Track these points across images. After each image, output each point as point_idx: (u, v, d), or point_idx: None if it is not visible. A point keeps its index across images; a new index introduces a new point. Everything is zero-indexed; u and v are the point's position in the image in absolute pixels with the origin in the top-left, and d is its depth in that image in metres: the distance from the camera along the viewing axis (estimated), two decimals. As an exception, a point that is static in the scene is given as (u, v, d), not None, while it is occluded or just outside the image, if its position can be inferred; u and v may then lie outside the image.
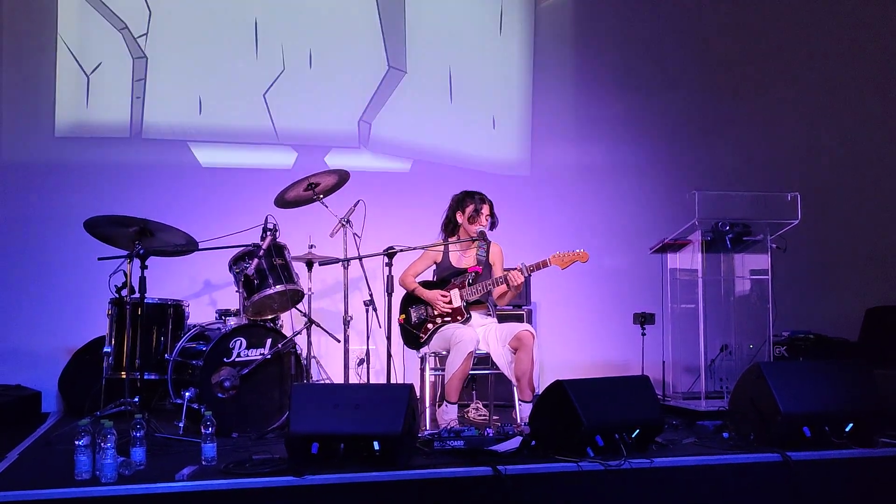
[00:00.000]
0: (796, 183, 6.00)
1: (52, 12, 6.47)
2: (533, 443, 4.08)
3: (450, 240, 5.36)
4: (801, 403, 4.24)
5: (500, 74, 7.34)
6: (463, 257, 5.38)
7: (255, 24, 6.85)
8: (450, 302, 5.21)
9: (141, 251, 4.74)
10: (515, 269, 5.11)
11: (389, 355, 4.73)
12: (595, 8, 7.52)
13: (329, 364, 6.04)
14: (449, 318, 5.19)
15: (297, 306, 5.46)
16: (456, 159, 7.15)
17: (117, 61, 6.57)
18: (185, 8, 6.75)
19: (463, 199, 5.33)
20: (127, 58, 6.59)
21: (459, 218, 5.34)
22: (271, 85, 6.83)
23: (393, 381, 4.82)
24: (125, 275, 4.87)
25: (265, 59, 6.85)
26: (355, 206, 5.40)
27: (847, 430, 4.29)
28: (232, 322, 5.09)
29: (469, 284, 5.22)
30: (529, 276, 5.20)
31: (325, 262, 5.48)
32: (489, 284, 5.20)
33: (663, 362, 6.02)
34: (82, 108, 6.51)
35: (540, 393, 4.46)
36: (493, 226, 5.36)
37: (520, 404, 5.01)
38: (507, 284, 5.14)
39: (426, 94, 7.15)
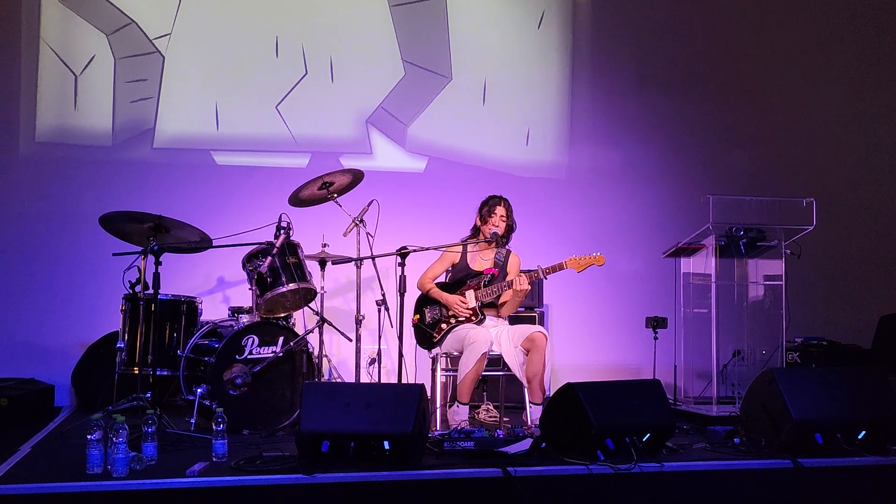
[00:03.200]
0: (811, 189, 5.98)
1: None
2: (543, 445, 4.08)
3: (467, 241, 5.37)
4: (813, 410, 4.23)
5: (527, 78, 7.35)
6: (481, 260, 5.38)
7: (273, 29, 6.87)
8: (469, 307, 5.21)
9: (155, 247, 4.77)
10: (531, 272, 5.10)
11: (401, 355, 4.74)
12: (611, 12, 7.50)
13: (340, 363, 6.06)
14: (463, 319, 5.19)
15: (310, 305, 5.48)
16: (472, 160, 7.14)
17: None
18: (199, 15, 6.79)
19: (482, 203, 5.35)
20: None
21: (478, 221, 5.35)
22: (290, 91, 6.84)
23: (404, 380, 4.82)
24: (139, 271, 4.91)
25: (281, 64, 6.87)
26: (369, 205, 5.41)
27: (859, 437, 4.27)
28: (244, 319, 5.11)
29: (484, 286, 5.22)
30: (545, 278, 5.18)
31: (338, 261, 5.49)
32: (504, 286, 5.20)
33: (675, 366, 6.01)
34: (95, 111, 6.57)
35: (551, 395, 4.46)
36: (509, 229, 5.35)
37: (530, 406, 5.00)
38: (512, 289, 5.15)
39: (454, 96, 7.17)
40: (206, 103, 6.74)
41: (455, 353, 5.19)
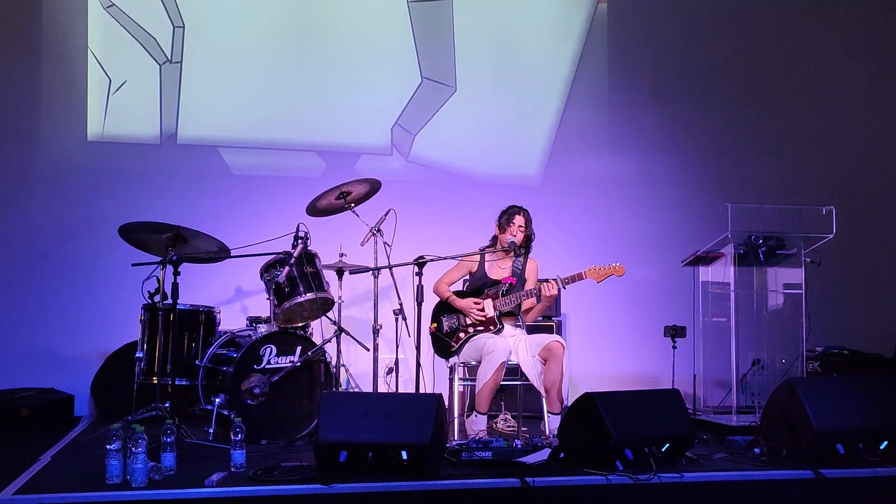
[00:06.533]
0: (831, 197, 5.94)
1: (83, 25, 6.59)
2: (562, 455, 4.06)
3: (484, 250, 5.36)
4: (834, 420, 4.19)
5: (544, 88, 7.34)
6: (498, 269, 5.37)
7: (288, 30, 6.92)
8: (483, 311, 5.21)
9: (174, 257, 4.78)
10: (549, 280, 5.08)
11: (418, 364, 4.73)
12: (629, 20, 7.49)
13: (358, 373, 6.06)
14: (481, 328, 5.19)
15: (327, 314, 5.48)
16: (488, 170, 7.14)
17: (147, 70, 6.68)
18: (219, 17, 6.83)
19: (502, 212, 5.35)
20: (154, 66, 6.69)
21: (497, 230, 5.35)
22: (302, 92, 6.87)
23: (422, 390, 4.82)
24: (158, 281, 4.92)
25: (298, 66, 6.91)
26: (386, 214, 5.42)
27: (882, 447, 4.23)
28: (262, 329, 5.12)
29: (503, 295, 5.21)
30: (564, 288, 5.16)
31: (356, 270, 5.50)
32: (522, 296, 5.19)
33: (694, 376, 5.98)
34: (114, 116, 6.59)
35: (569, 405, 4.44)
36: (527, 239, 5.34)
37: (549, 416, 4.99)
38: (539, 296, 5.13)
39: (464, 104, 7.18)
40: (224, 111, 6.78)
41: (473, 363, 5.18)
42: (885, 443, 4.23)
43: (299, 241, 5.10)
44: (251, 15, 6.87)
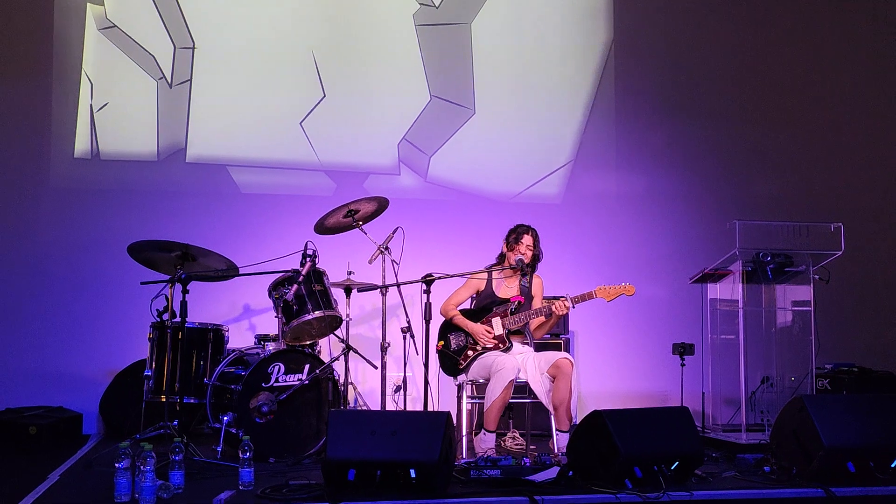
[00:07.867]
0: (839, 213, 5.93)
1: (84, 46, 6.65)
2: (570, 473, 4.05)
3: (492, 268, 5.37)
4: (844, 437, 4.17)
5: (551, 106, 7.36)
6: (506, 287, 5.37)
7: (297, 51, 6.96)
8: (494, 337, 5.20)
9: (183, 276, 4.79)
10: (560, 298, 5.08)
11: (426, 382, 4.73)
12: (635, 39, 7.51)
13: (366, 391, 6.05)
14: (490, 346, 5.18)
15: (336, 332, 5.49)
16: (496, 187, 7.15)
17: (152, 89, 6.72)
18: (229, 37, 6.87)
19: (510, 230, 5.36)
20: (154, 85, 6.75)
21: (504, 248, 5.36)
22: (310, 112, 6.90)
23: (430, 408, 4.81)
24: (167, 299, 4.93)
25: (306, 86, 6.94)
26: (394, 232, 5.43)
27: (893, 465, 4.20)
28: (270, 347, 5.11)
29: (511, 313, 5.21)
30: (573, 307, 5.15)
31: (364, 288, 5.50)
32: (531, 314, 5.19)
33: (703, 393, 5.95)
34: (119, 135, 6.64)
35: (577, 422, 4.43)
36: (535, 258, 5.35)
37: (557, 434, 4.98)
38: (549, 315, 5.14)
39: (476, 127, 7.19)
40: (233, 129, 6.80)
41: (481, 381, 5.18)
42: (896, 460, 4.21)
43: (307, 259, 5.11)
44: (260, 36, 6.90)
